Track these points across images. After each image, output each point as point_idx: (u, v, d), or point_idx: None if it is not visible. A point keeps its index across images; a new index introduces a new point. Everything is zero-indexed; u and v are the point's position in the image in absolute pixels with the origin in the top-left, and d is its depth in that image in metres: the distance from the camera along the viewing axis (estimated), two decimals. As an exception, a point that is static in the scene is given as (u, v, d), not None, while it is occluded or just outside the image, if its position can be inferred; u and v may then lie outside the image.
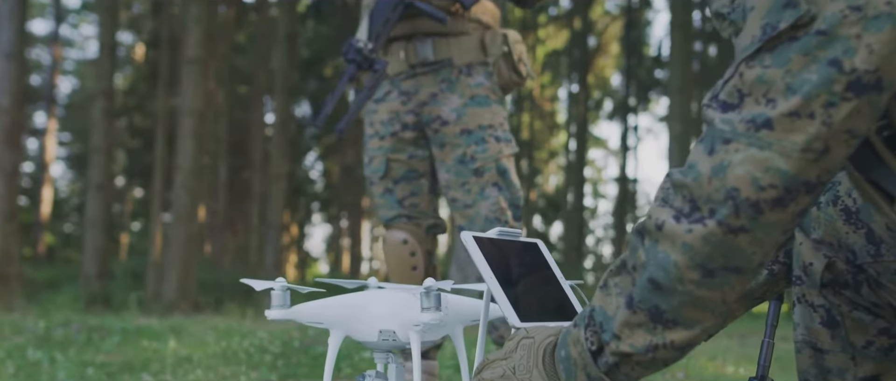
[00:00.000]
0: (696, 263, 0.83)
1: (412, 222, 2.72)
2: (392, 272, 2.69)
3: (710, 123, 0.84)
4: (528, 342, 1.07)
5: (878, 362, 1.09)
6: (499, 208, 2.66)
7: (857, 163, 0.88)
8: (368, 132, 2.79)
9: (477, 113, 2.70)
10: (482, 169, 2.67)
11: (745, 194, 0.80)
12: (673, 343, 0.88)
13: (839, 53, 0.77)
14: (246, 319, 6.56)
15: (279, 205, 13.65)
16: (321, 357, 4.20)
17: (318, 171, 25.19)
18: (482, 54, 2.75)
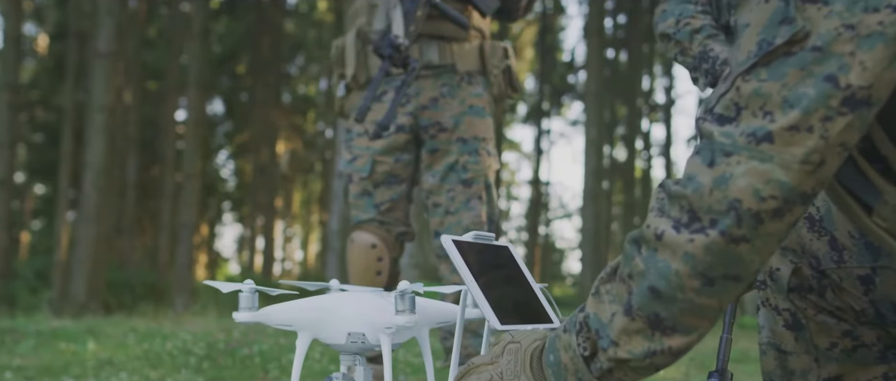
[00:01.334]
0: (698, 271, 0.86)
1: (384, 228, 2.69)
2: (355, 274, 2.65)
3: (709, 136, 0.87)
4: (514, 347, 1.08)
5: (841, 363, 1.14)
6: (480, 221, 2.68)
7: (838, 174, 0.92)
8: (357, 129, 2.74)
9: (474, 123, 2.71)
10: (471, 180, 2.68)
11: (747, 205, 0.83)
12: (670, 349, 0.91)
13: (834, 69, 0.81)
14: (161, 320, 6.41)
15: (193, 204, 13.36)
16: (247, 359, 4.15)
17: (229, 169, 24.75)
18: (481, 64, 2.76)
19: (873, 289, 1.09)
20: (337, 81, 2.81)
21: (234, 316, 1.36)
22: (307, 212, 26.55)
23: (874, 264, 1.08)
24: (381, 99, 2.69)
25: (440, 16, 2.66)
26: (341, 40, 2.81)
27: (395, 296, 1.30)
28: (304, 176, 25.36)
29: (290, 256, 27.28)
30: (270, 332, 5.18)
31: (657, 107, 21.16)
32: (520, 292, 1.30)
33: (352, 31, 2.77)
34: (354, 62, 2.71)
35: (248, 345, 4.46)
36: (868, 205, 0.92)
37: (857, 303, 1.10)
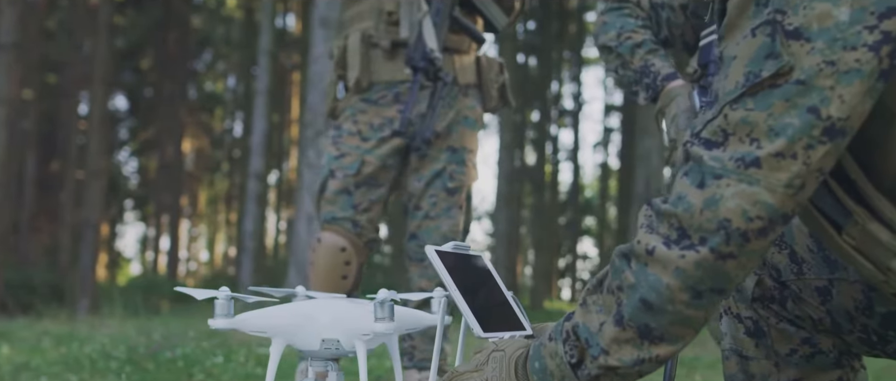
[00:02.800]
0: (688, 285, 0.93)
1: (355, 230, 2.67)
2: (319, 275, 2.62)
3: (698, 159, 0.94)
4: (498, 355, 1.13)
5: (800, 368, 1.23)
6: (457, 229, 2.71)
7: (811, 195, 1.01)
8: (348, 127, 2.71)
9: (465, 134, 2.74)
10: (455, 189, 2.70)
11: (736, 225, 0.90)
12: (657, 357, 0.97)
13: (816, 102, 0.89)
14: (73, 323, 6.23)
15: (97, 202, 12.97)
16: (170, 363, 4.08)
17: (132, 167, 24.08)
18: (477, 77, 2.79)
19: (830, 299, 1.18)
20: (335, 81, 2.79)
21: (210, 323, 1.36)
22: (213, 211, 26.05)
23: (831, 277, 1.18)
24: (379, 103, 2.70)
25: (453, 29, 2.69)
26: (342, 42, 2.77)
27: (374, 304, 1.33)
28: (211, 175, 24.89)
29: (195, 256, 26.73)
30: (191, 335, 5.11)
31: (565, 112, 21.59)
32: (496, 301, 1.35)
33: (355, 34, 2.72)
34: (358, 66, 2.71)
35: (169, 349, 4.39)
36: (838, 224, 1.00)
37: (814, 312, 1.19)
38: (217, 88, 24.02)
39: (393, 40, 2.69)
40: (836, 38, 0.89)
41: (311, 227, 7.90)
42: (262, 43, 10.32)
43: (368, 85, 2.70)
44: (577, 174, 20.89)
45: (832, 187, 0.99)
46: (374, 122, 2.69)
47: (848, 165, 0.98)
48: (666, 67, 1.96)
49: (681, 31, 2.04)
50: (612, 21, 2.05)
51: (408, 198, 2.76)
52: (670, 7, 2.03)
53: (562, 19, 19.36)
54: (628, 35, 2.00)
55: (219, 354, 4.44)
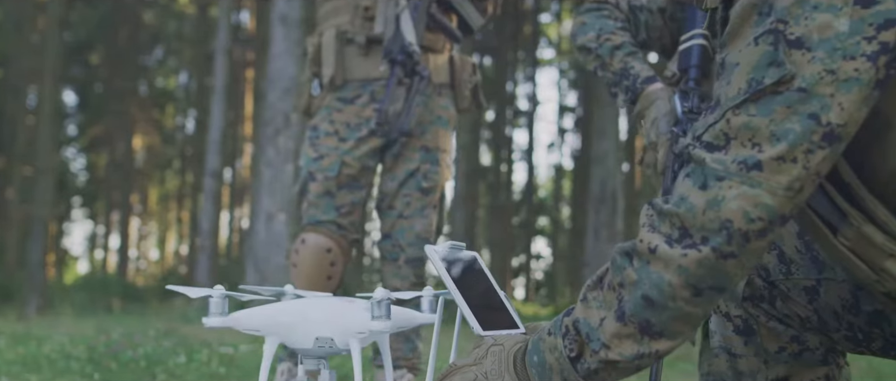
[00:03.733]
0: (689, 283, 0.96)
1: (340, 232, 2.67)
2: (303, 275, 2.61)
3: (701, 162, 0.97)
4: (497, 349, 1.15)
5: (788, 365, 1.27)
6: (430, 229, 2.71)
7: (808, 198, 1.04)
8: (325, 128, 2.70)
9: (439, 134, 2.74)
10: (429, 190, 2.70)
11: (738, 226, 0.94)
12: (657, 352, 1.01)
13: (817, 109, 0.93)
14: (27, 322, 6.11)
15: (47, 199, 12.72)
16: (132, 363, 4.03)
17: (80, 164, 23.64)
18: (450, 77, 2.78)
19: (817, 299, 1.22)
20: (310, 79, 2.78)
21: (204, 321, 1.36)
22: (164, 209, 25.70)
23: (819, 277, 1.22)
24: (355, 102, 2.69)
25: (429, 27, 2.69)
26: (317, 39, 2.75)
27: (371, 302, 1.34)
28: (162, 172, 24.55)
29: (145, 254, 26.34)
30: (151, 334, 5.06)
31: (520, 113, 21.71)
32: (491, 299, 1.37)
33: (330, 31, 2.71)
34: (333, 63, 2.69)
35: (131, 348, 4.34)
36: (833, 226, 1.04)
37: (802, 311, 1.23)
38: (169, 85, 23.69)
39: (368, 36, 2.69)
40: (837, 48, 0.92)
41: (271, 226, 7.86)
42: (219, 40, 10.23)
43: (343, 82, 2.69)
44: (532, 174, 21.03)
45: (828, 190, 1.03)
46: (351, 121, 2.68)
47: (842, 169, 1.02)
48: (645, 69, 2.00)
49: (659, 34, 2.08)
50: (591, 22, 2.08)
51: (381, 198, 2.76)
52: (649, 10, 2.07)
53: (517, 21, 19.47)
54: (608, 37, 2.03)
55: (181, 353, 4.40)
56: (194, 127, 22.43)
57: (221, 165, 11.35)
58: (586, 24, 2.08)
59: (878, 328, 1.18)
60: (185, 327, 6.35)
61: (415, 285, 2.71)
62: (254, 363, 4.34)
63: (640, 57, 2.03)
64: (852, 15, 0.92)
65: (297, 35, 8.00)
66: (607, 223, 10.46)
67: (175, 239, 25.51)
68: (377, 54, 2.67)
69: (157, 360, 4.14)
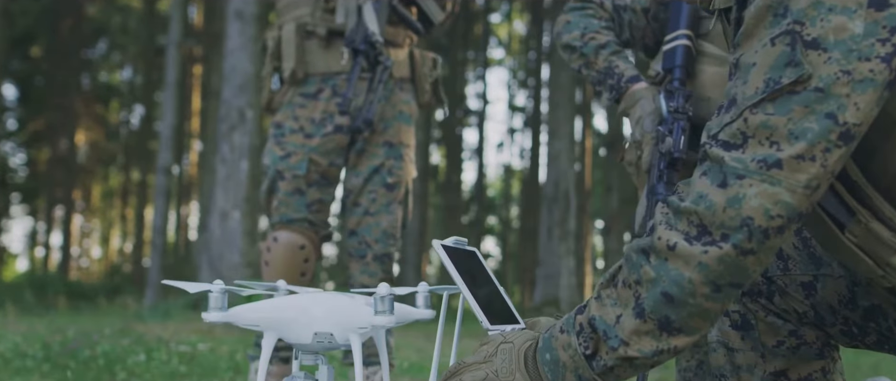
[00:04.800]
0: (709, 280, 0.98)
1: (312, 229, 2.67)
2: (277, 273, 2.60)
3: (719, 160, 0.99)
4: (507, 347, 1.16)
5: (787, 359, 1.30)
6: (397, 225, 2.70)
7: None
8: (290, 125, 2.68)
9: (402, 129, 2.72)
10: (394, 185, 2.69)
11: (758, 223, 0.96)
12: (675, 348, 1.02)
13: (834, 108, 0.95)
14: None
15: (-12, 195, 12.38)
16: (90, 361, 3.95)
17: (20, 159, 23.04)
18: (411, 72, 2.77)
19: (814, 294, 1.25)
20: (270, 74, 2.75)
21: (204, 316, 1.35)
22: (108, 206, 25.21)
23: (816, 273, 1.25)
24: (318, 97, 2.67)
25: (391, 20, 2.68)
26: (276, 32, 2.73)
27: (375, 298, 1.34)
28: (105, 168, 24.08)
29: (88, 252, 25.81)
30: (107, 332, 4.96)
31: (470, 112, 21.77)
32: (492, 294, 1.38)
33: (290, 24, 2.69)
34: (294, 56, 2.67)
35: (88, 347, 4.26)
36: (840, 223, 1.07)
37: (799, 306, 1.27)
38: (112, 79, 23.25)
39: (329, 28, 2.68)
40: (852, 49, 0.95)
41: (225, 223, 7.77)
42: (171, 34, 10.07)
43: (304, 76, 2.68)
44: (482, 174, 21.10)
45: (836, 188, 1.06)
46: (316, 117, 2.67)
47: (849, 167, 1.05)
48: (630, 69, 2.02)
49: (642, 33, 2.11)
50: (575, 21, 2.10)
51: (345, 195, 2.76)
52: (632, 10, 2.10)
53: (467, 20, 19.52)
54: (592, 36, 2.06)
55: (140, 352, 4.33)
56: (140, 122, 22.06)
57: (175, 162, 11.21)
58: (571, 22, 2.10)
59: (874, 323, 1.22)
60: (141, 325, 6.25)
61: (383, 280, 2.71)
62: (213, 362, 4.29)
63: (625, 56, 2.05)
64: (866, 17, 0.95)
65: (252, 31, 7.91)
66: (560, 222, 10.54)
67: (119, 236, 25.04)
68: (338, 47, 2.66)
69: (116, 358, 4.07)
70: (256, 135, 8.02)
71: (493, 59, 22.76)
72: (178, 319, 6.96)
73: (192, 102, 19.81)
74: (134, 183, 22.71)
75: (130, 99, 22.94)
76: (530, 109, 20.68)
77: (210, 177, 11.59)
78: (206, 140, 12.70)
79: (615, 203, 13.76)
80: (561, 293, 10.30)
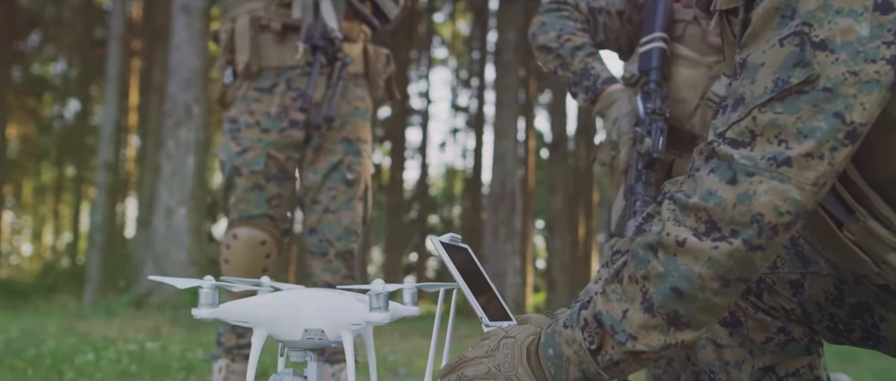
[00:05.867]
0: (719, 275, 1.00)
1: (273, 224, 2.64)
2: (238, 270, 2.56)
3: (728, 158, 1.01)
4: (509, 342, 1.16)
5: (775, 355, 1.33)
6: (358, 221, 2.69)
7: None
8: (245, 120, 2.64)
9: (359, 125, 2.70)
10: (354, 181, 2.67)
11: (768, 219, 0.98)
12: (682, 342, 1.04)
13: (841, 108, 0.98)
14: None
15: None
16: (37, 360, 3.86)
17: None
18: (365, 67, 2.75)
19: (802, 292, 1.29)
20: (223, 67, 2.71)
21: (194, 312, 1.34)
22: (40, 202, 24.55)
23: (804, 271, 1.29)
24: (273, 92, 2.64)
25: (346, 15, 2.66)
26: (229, 25, 2.69)
27: (370, 295, 1.34)
28: (37, 163, 23.44)
29: (18, 249, 25.10)
30: (51, 331, 4.84)
31: (413, 111, 21.76)
32: (488, 292, 1.39)
33: (244, 17, 2.66)
34: (248, 50, 2.63)
35: (34, 346, 4.15)
36: (838, 221, 1.10)
37: (787, 304, 1.30)
38: (45, 72, 22.66)
39: (284, 23, 2.66)
40: (859, 51, 0.98)
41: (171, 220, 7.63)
42: (113, 26, 9.85)
43: (258, 70, 2.66)
44: (425, 172, 21.11)
45: (835, 187, 1.09)
46: (271, 111, 2.65)
47: (848, 167, 1.08)
48: (605, 70, 2.05)
49: (616, 36, 2.14)
50: (551, 22, 2.11)
51: (303, 192, 2.73)
52: (607, 13, 2.12)
53: (411, 19, 19.52)
54: (568, 37, 2.08)
55: (87, 351, 4.24)
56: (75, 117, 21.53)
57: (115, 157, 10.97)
58: (546, 23, 2.12)
59: (860, 320, 1.26)
60: (84, 323, 6.11)
61: (346, 278, 2.70)
62: (163, 361, 4.22)
63: (600, 58, 2.08)
64: (872, 20, 0.98)
65: (199, 25, 7.79)
66: (506, 222, 10.61)
67: (52, 233, 24.41)
68: (292, 42, 2.64)
69: (63, 358, 3.98)
70: (203, 131, 7.90)
71: (436, 58, 22.79)
72: (121, 317, 6.83)
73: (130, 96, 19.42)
74: (68, 179, 22.17)
75: (64, 92, 22.38)
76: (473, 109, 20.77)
77: (150, 173, 11.38)
78: (146, 136, 12.47)
79: (559, 204, 13.89)
80: (507, 292, 10.36)
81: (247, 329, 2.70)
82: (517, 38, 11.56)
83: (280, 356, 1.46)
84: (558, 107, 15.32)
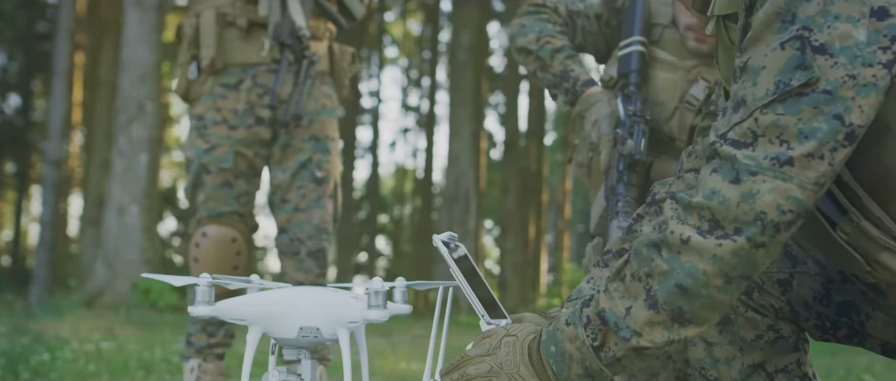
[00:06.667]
0: (723, 272, 1.03)
1: (242, 221, 2.63)
2: (208, 268, 2.53)
3: (731, 158, 1.04)
4: (510, 340, 1.18)
5: (764, 352, 1.37)
6: (328, 219, 2.67)
7: None
8: (212, 117, 2.62)
9: (326, 122, 2.68)
10: (324, 179, 2.65)
11: (771, 217, 1.01)
12: (685, 338, 1.07)
13: (841, 110, 1.01)
14: None
15: None
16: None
17: None
18: (330, 65, 2.73)
19: (790, 291, 1.33)
20: (187, 62, 2.67)
21: (190, 310, 1.33)
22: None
23: (792, 270, 1.33)
24: (239, 88, 2.62)
25: (314, 13, 2.65)
26: (194, 20, 2.66)
27: (369, 292, 1.34)
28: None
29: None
30: (3, 331, 4.73)
31: (364, 110, 21.70)
32: (483, 289, 1.40)
33: (209, 12, 2.63)
34: (213, 46, 2.61)
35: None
36: (831, 220, 1.14)
37: (776, 302, 1.34)
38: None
39: (250, 19, 2.64)
40: (857, 55, 1.01)
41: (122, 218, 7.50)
42: (62, 20, 9.64)
43: (223, 66, 2.64)
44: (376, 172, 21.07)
45: (830, 188, 1.13)
46: (238, 108, 2.63)
47: (841, 168, 1.12)
48: (585, 73, 2.08)
49: (594, 39, 2.17)
50: (530, 25, 2.14)
51: (272, 191, 2.72)
52: (585, 16, 2.16)
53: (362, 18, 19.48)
54: (547, 39, 2.10)
55: (42, 351, 4.16)
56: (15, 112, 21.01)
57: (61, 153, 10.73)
58: (526, 26, 2.14)
59: (846, 318, 1.30)
60: (34, 323, 5.98)
61: (318, 277, 2.70)
62: (120, 360, 4.16)
63: (579, 60, 2.11)
64: (869, 26, 1.02)
65: (152, 20, 7.68)
66: (460, 221, 10.65)
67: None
68: (258, 38, 2.63)
69: (18, 357, 3.89)
70: (156, 127, 7.78)
71: (387, 57, 22.76)
72: (71, 316, 6.70)
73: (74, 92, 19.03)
74: (8, 175, 21.63)
75: (4, 87, 21.83)
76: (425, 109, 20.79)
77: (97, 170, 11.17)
78: (93, 132, 12.23)
79: (511, 204, 13.98)
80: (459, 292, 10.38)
81: (218, 329, 2.68)
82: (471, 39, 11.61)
83: (271, 355, 1.46)
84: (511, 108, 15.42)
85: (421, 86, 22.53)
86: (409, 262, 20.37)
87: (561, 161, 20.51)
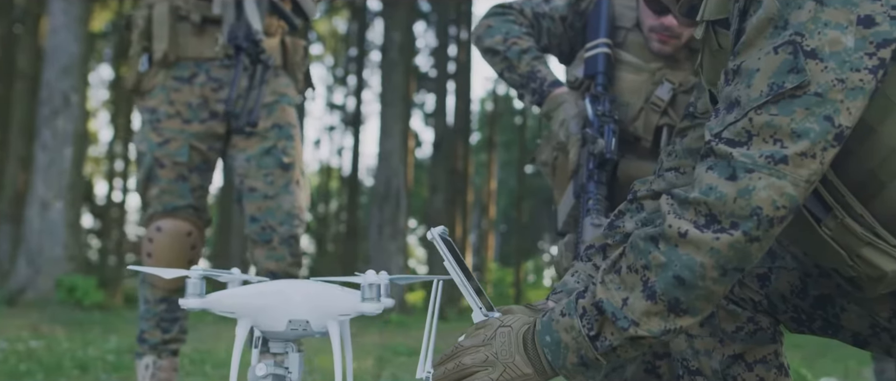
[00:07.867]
0: (719, 264, 1.08)
1: (197, 215, 2.59)
2: (163, 263, 2.47)
3: (727, 156, 1.09)
4: (505, 330, 1.22)
5: (744, 343, 1.42)
6: (299, 205, 2.63)
7: None
8: (165, 110, 2.57)
9: (287, 111, 2.65)
10: (290, 165, 2.61)
11: (766, 212, 1.06)
12: (681, 328, 1.12)
13: (831, 112, 1.07)
14: None
15: None
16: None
17: None
18: (283, 60, 2.71)
19: (768, 285, 1.39)
20: (139, 54, 2.62)
21: (181, 303, 1.33)
22: None
23: (771, 266, 1.39)
24: (192, 82, 2.58)
25: (268, 11, 2.63)
26: (146, 11, 2.61)
27: (363, 285, 1.35)
28: None
29: None
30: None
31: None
32: (473, 283, 1.42)
33: (162, 5, 2.58)
34: (166, 39, 2.56)
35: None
36: (816, 217, 1.20)
37: (755, 296, 1.40)
38: None
39: (204, 15, 2.62)
40: (845, 60, 1.07)
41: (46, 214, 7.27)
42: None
43: (176, 59, 2.61)
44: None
45: (816, 186, 1.19)
46: (192, 101, 2.60)
47: None
48: (551, 74, 2.12)
49: (558, 41, 2.21)
50: (497, 26, 2.16)
51: (239, 180, 2.68)
52: (551, 18, 2.19)
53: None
54: (514, 40, 2.13)
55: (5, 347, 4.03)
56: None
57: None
58: (492, 27, 2.17)
59: (821, 311, 1.37)
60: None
61: (292, 265, 2.66)
62: (53, 360, 4.05)
63: (545, 62, 2.14)
64: (856, 33, 1.08)
65: (77, 11, 7.44)
66: (391, 220, 10.65)
67: None
68: (212, 34, 2.61)
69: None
70: (82, 121, 7.55)
71: (312, 55, 22.56)
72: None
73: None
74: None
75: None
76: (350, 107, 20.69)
77: (14, 164, 10.81)
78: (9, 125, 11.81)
79: (439, 203, 14.04)
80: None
81: (172, 325, 2.63)
82: (402, 38, 11.62)
83: (253, 348, 1.45)
84: (439, 108, 15.48)
85: (346, 84, 22.43)
86: (333, 261, 20.23)
87: (485, 161, 20.71)
